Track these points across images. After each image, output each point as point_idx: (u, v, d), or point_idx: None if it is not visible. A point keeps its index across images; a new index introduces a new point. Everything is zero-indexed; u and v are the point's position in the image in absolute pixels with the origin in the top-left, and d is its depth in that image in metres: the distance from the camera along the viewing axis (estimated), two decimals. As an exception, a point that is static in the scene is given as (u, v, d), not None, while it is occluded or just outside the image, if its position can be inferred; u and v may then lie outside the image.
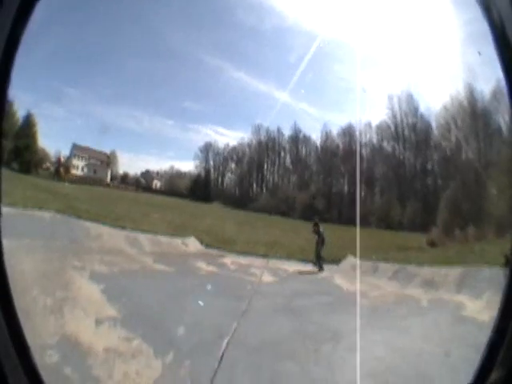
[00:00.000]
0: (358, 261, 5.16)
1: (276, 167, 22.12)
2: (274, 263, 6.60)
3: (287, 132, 20.65)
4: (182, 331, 3.07)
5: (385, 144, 17.23)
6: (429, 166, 14.99)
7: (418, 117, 15.47)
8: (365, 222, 15.00)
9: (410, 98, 15.59)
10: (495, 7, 0.85)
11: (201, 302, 3.35)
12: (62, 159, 19.95)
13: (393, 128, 16.72)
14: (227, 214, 15.57)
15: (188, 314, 3.29)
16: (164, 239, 6.78)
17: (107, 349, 2.88)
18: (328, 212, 17.54)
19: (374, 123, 17.26)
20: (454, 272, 4.77)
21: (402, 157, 16.63)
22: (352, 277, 4.85)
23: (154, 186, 22.30)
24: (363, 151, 18.01)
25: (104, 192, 19.37)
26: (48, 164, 20.16)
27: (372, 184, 17.77)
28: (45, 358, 2.42)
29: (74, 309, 3.28)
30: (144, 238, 6.56)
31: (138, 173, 22.50)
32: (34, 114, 17.95)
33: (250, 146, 21.92)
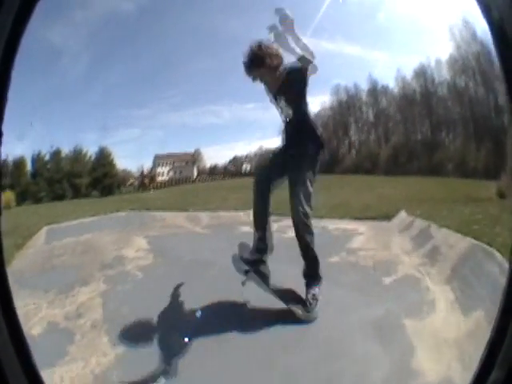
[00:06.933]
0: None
1: (360, 124, 21.08)
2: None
3: (365, 86, 20.35)
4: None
5: (457, 80, 16.22)
6: (500, 101, 13.25)
7: (479, 43, 14.26)
8: (442, 171, 14.09)
9: (466, 25, 14.62)
10: (495, 6, 0.80)
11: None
12: (146, 171, 21.24)
13: (460, 61, 15.67)
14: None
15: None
16: (226, 214, 6.91)
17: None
18: (410, 163, 16.66)
19: (444, 59, 16.70)
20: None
21: (474, 91, 15.33)
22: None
23: (243, 171, 22.70)
24: (439, 91, 17.36)
25: (188, 188, 19.07)
26: (132, 180, 21.35)
27: (450, 126, 16.76)
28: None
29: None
30: (205, 215, 6.90)
31: (227, 162, 23.45)
32: (106, 145, 19.14)
33: (332, 108, 21.68)
